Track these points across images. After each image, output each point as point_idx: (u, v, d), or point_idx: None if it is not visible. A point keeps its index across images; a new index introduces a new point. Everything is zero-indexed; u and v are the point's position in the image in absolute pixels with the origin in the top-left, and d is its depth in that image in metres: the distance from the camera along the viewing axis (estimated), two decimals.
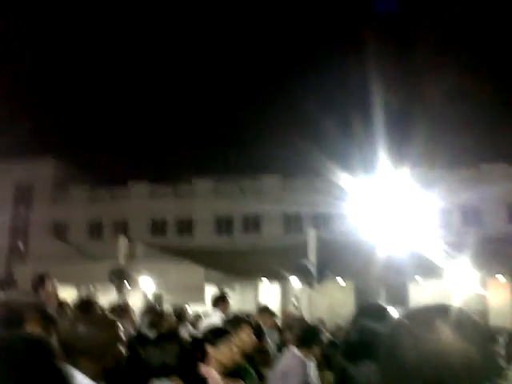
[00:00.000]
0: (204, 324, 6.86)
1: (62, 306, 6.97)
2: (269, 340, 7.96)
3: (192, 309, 20.06)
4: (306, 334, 5.66)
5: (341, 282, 25.54)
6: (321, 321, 13.72)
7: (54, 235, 35.63)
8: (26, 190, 38.47)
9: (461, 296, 23.03)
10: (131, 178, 37.22)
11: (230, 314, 7.82)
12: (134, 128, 42.11)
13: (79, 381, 2.54)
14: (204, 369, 4.06)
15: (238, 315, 5.26)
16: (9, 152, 31.49)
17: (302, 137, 30.28)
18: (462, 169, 31.69)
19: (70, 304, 8.33)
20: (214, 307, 7.74)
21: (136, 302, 18.49)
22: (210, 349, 4.13)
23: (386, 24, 40.97)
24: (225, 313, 7.62)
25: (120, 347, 2.94)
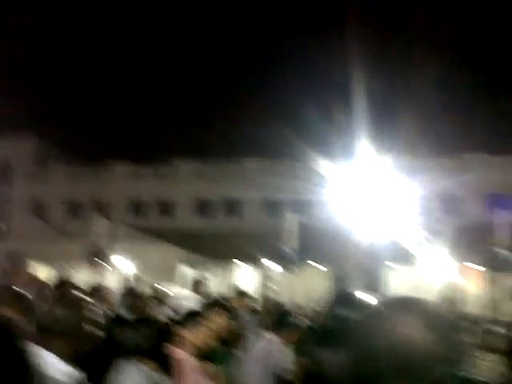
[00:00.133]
0: (181, 307, 6.86)
1: (41, 287, 6.94)
2: (246, 324, 8.01)
3: (170, 291, 20.04)
4: (282, 318, 5.71)
5: (319, 267, 25.74)
6: (298, 306, 13.82)
7: (33, 213, 35.31)
8: (6, 167, 37.99)
9: (437, 284, 23.36)
10: (113, 158, 36.91)
11: (207, 298, 7.85)
12: (117, 108, 41.72)
13: (48, 361, 2.54)
14: (178, 351, 4.08)
15: (214, 299, 5.29)
16: None
17: (284, 122, 30.22)
18: (444, 158, 31.94)
19: (50, 285, 8.28)
20: (192, 290, 7.74)
21: (114, 283, 18.46)
22: (184, 332, 4.14)
23: (369, 9, 40.84)
24: (202, 296, 7.64)
25: (94, 330, 2.95)
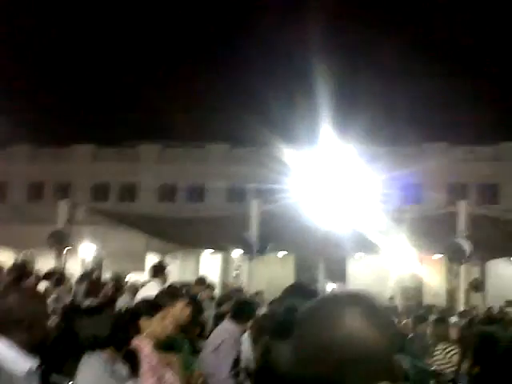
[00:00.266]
0: (141, 295, 6.83)
1: None
2: (206, 312, 8.02)
3: (132, 277, 19.96)
4: (240, 307, 5.73)
5: (281, 254, 25.88)
6: (259, 293, 13.91)
7: None
8: None
9: (397, 273, 23.75)
10: (75, 140, 36.27)
11: (167, 285, 7.83)
12: (81, 89, 41.04)
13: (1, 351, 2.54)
14: (136, 341, 4.05)
15: (173, 287, 5.26)
16: None
17: (247, 108, 30.20)
18: (404, 146, 32.34)
19: (5, 269, 8.15)
20: (152, 277, 7.68)
21: (75, 268, 18.25)
22: (143, 321, 4.11)
23: None
24: (163, 283, 7.59)
25: (47, 320, 2.93)
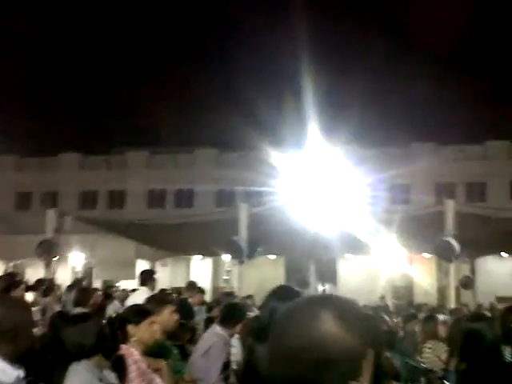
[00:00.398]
0: (130, 301, 6.80)
1: None
2: (196, 316, 8.00)
3: (122, 285, 19.85)
4: (229, 311, 5.73)
5: (272, 257, 25.90)
6: (249, 297, 13.94)
7: None
8: None
9: (387, 273, 23.84)
10: (61, 149, 36.17)
11: (156, 291, 7.80)
12: (66, 97, 40.94)
13: None
14: (125, 348, 4.04)
15: (161, 293, 5.25)
16: None
17: (235, 112, 30.28)
18: (393, 147, 32.51)
19: None
20: (141, 285, 7.65)
21: (65, 278, 18.16)
22: (131, 328, 4.11)
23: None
24: (152, 290, 7.58)
25: (32, 330, 2.91)
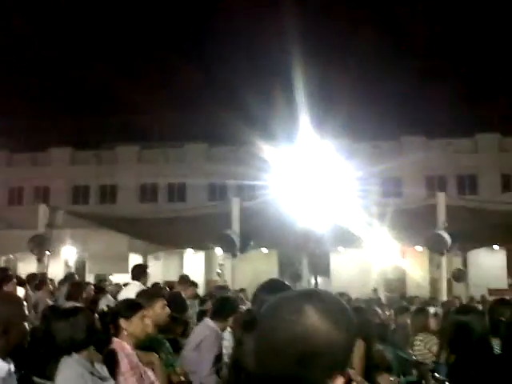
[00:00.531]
0: (122, 296, 6.82)
1: None
2: (188, 310, 8.03)
3: (115, 278, 19.85)
4: (220, 304, 5.75)
5: (264, 251, 25.94)
6: (242, 290, 13.99)
7: None
8: None
9: (379, 266, 23.92)
10: (52, 143, 36.02)
11: (148, 285, 7.82)
12: (55, 93, 40.65)
13: None
14: (117, 341, 4.06)
15: (153, 287, 5.27)
16: None
17: (226, 106, 30.19)
18: (383, 141, 32.60)
19: None
20: (133, 279, 7.67)
21: (58, 272, 18.15)
22: (122, 322, 4.12)
23: None
24: (145, 284, 7.59)
25: (24, 324, 2.93)
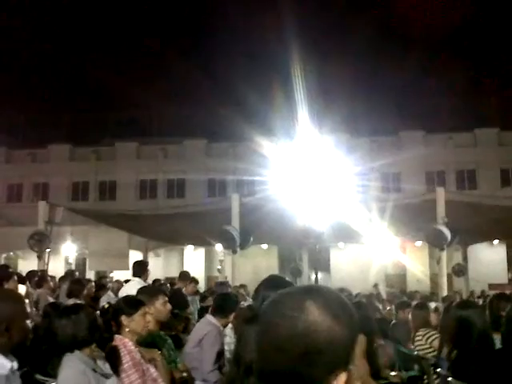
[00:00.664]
0: (123, 292, 6.81)
1: None
2: (189, 306, 8.04)
3: (116, 275, 19.84)
4: (222, 301, 5.75)
5: (265, 246, 25.98)
6: (243, 286, 14.00)
7: None
8: None
9: (380, 261, 23.97)
10: (51, 140, 35.95)
11: (149, 281, 7.82)
12: (54, 89, 40.64)
13: None
14: (119, 338, 4.06)
15: (154, 284, 5.27)
16: None
17: (225, 102, 30.17)
18: (382, 136, 32.56)
19: None
20: (134, 275, 7.66)
21: (58, 269, 18.17)
22: (124, 319, 4.12)
23: None
24: (145, 281, 7.59)
25: (26, 322, 2.92)
